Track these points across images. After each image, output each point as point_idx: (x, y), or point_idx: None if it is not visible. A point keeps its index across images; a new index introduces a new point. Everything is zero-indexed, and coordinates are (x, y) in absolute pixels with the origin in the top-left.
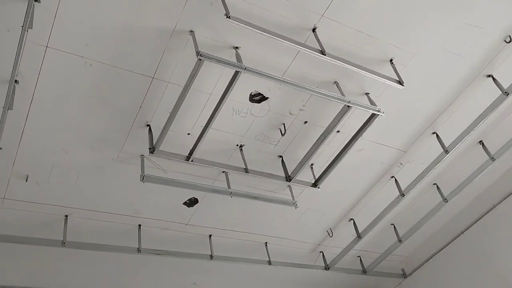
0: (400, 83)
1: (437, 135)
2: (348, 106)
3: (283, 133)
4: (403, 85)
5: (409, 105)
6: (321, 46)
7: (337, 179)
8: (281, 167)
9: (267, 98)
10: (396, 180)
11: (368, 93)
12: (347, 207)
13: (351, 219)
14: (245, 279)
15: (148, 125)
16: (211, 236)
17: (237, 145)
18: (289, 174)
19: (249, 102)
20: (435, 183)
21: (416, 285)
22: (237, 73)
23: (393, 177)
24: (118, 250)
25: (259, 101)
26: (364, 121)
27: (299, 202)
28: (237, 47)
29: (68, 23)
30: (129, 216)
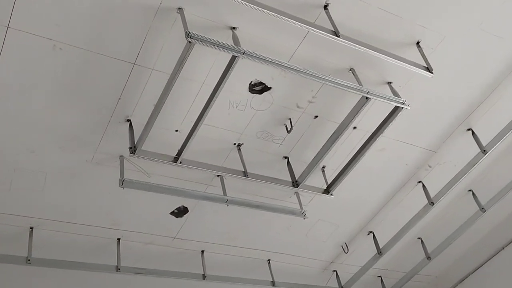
0: (428, 70)
1: (473, 132)
2: (366, 97)
3: (289, 129)
4: (432, 73)
5: (439, 96)
6: (334, 26)
7: (353, 184)
8: (287, 170)
9: (270, 88)
10: (424, 185)
11: (390, 82)
12: (365, 218)
13: (370, 232)
14: None
15: (128, 121)
16: (203, 252)
17: (235, 144)
18: (296, 178)
19: (249, 93)
20: (470, 190)
21: None
22: (234, 58)
23: (420, 182)
24: (93, 268)
25: (260, 92)
26: (385, 116)
27: (308, 211)
28: (234, 28)
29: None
30: (106, 228)
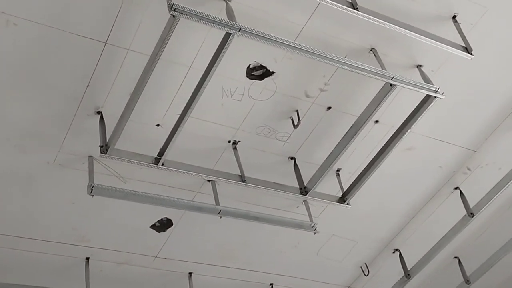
0: (467, 50)
1: None
2: (391, 84)
3: (296, 124)
4: (471, 54)
5: (480, 83)
6: None
7: (374, 191)
8: (293, 173)
9: (273, 73)
10: (461, 192)
11: (420, 66)
12: (389, 233)
13: (396, 250)
14: None
15: (99, 113)
16: (191, 274)
17: (229, 142)
18: (305, 184)
19: (247, 78)
20: None
21: None
22: (228, 36)
23: (457, 188)
24: None
25: (261, 77)
26: (414, 107)
27: (320, 225)
28: None
29: None
30: (72, 245)
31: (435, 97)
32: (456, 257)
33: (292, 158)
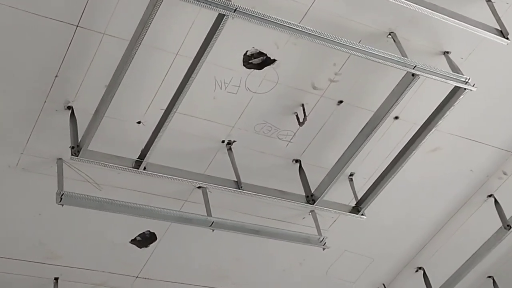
0: (502, 34)
1: None
2: (413, 74)
3: (301, 120)
4: (507, 38)
5: None
6: None
7: (394, 200)
8: (299, 179)
9: (274, 61)
10: (496, 200)
11: (447, 52)
12: (412, 248)
13: (420, 268)
14: None
15: (69, 108)
16: None
17: (223, 142)
18: (312, 191)
19: (243, 67)
20: None
21: None
22: (221, 17)
23: (491, 196)
24: None
25: (260, 66)
26: (440, 101)
27: (330, 239)
28: None
29: None
30: (38, 263)
31: (465, 89)
32: (490, 277)
33: (297, 160)
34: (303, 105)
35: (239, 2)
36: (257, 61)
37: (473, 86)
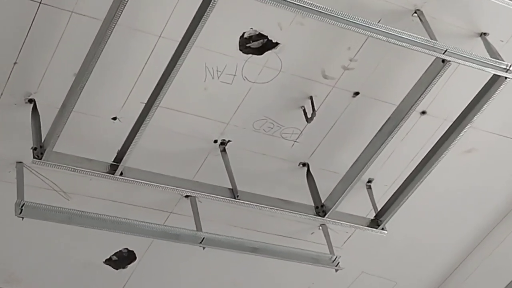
0: None
1: None
2: (443, 60)
3: (309, 116)
4: None
5: None
6: None
7: (420, 212)
8: (306, 186)
9: (277, 44)
10: None
11: (485, 34)
12: (441, 270)
13: None
14: None
15: (31, 101)
16: None
17: (216, 142)
18: (323, 201)
19: (240, 52)
20: None
21: None
22: None
23: None
24: None
25: (260, 51)
26: (476, 92)
27: (344, 258)
28: None
29: None
30: None
31: (506, 77)
32: None
33: (304, 164)
34: (311, 98)
35: None
36: (257, 44)
37: None
